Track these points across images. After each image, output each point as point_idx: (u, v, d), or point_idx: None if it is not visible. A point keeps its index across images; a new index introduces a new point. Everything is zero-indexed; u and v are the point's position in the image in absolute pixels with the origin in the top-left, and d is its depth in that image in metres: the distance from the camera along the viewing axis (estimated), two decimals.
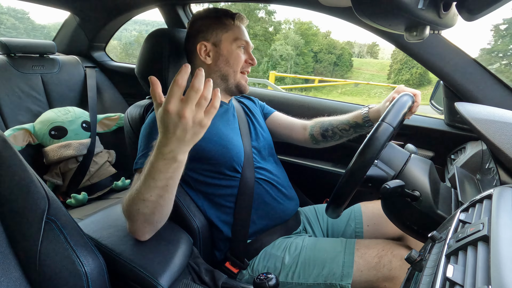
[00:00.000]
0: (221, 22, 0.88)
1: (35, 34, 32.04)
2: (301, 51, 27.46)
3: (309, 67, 28.37)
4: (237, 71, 0.90)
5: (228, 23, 0.88)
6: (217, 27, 0.88)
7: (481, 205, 0.44)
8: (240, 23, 0.90)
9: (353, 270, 0.74)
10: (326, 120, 1.00)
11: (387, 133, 0.62)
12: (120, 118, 1.61)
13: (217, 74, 0.90)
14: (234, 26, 0.89)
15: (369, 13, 0.48)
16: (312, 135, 1.00)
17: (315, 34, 31.16)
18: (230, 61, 0.88)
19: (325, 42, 31.06)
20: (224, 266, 0.83)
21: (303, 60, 27.63)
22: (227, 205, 0.85)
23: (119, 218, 0.75)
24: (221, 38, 0.88)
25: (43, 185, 0.54)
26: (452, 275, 0.33)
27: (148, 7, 1.57)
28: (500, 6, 0.46)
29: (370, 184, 0.67)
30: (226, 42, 0.88)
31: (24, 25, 31.35)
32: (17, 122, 1.36)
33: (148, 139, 0.76)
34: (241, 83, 0.91)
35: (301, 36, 28.23)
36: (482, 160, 0.85)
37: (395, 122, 0.64)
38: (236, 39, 0.88)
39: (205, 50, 0.89)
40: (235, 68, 0.89)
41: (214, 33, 0.88)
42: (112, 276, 0.60)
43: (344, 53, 30.49)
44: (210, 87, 0.51)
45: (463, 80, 0.94)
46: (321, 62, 29.45)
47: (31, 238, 0.50)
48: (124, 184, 1.50)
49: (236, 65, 0.89)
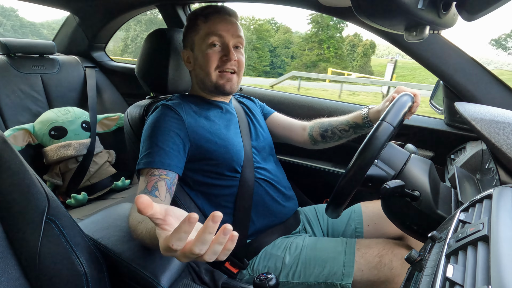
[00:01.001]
0: (194, 24, 0.85)
1: (23, 31, 32.26)
2: (254, 45, 30.92)
3: (265, 61, 31.99)
4: (210, 73, 0.83)
5: (199, 22, 0.84)
6: (191, 30, 0.85)
7: (481, 205, 0.44)
8: (214, 17, 0.83)
9: (354, 270, 0.74)
10: (325, 121, 0.99)
11: (388, 132, 0.62)
12: (120, 118, 1.61)
13: (197, 79, 0.89)
14: (205, 24, 0.83)
15: (369, 13, 0.48)
16: (311, 136, 1.00)
17: (268, 30, 34.70)
18: (201, 63, 0.84)
19: (283, 38, 34.70)
20: (224, 266, 0.83)
21: (257, 54, 31.31)
22: (227, 205, 0.85)
23: (119, 218, 0.75)
24: (194, 41, 0.85)
25: (43, 185, 0.54)
26: (452, 275, 0.33)
27: (148, 7, 1.57)
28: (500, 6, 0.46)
29: (370, 183, 0.67)
30: (198, 43, 0.84)
31: (12, 22, 31.49)
32: (17, 122, 1.36)
33: (150, 139, 0.76)
34: (218, 83, 0.85)
35: (253, 32, 31.76)
36: (482, 160, 0.85)
37: (395, 121, 0.64)
38: (206, 36, 0.82)
39: (187, 57, 0.88)
40: (207, 69, 0.83)
41: (190, 38, 0.86)
42: (112, 276, 0.60)
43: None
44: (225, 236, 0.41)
45: (463, 80, 0.94)
46: (279, 57, 33.16)
47: (31, 238, 0.50)
48: (124, 184, 1.50)
49: (208, 66, 0.83)
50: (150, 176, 0.70)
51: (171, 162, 0.73)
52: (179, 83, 0.98)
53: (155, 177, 0.70)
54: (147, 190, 0.68)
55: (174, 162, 0.74)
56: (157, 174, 0.70)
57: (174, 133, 0.77)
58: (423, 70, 7.65)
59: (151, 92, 1.02)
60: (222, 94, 0.89)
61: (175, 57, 0.94)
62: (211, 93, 0.90)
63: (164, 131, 0.76)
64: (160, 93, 1.00)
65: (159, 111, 0.81)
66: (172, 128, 0.77)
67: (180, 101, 0.86)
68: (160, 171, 0.71)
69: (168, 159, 0.73)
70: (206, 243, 0.39)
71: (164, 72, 0.93)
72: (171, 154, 0.74)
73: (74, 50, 1.78)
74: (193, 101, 0.89)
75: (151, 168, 0.71)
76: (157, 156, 0.73)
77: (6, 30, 29.11)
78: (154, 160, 0.72)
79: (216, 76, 0.84)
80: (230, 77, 0.85)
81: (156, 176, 0.70)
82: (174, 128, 0.78)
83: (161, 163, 0.72)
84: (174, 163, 0.74)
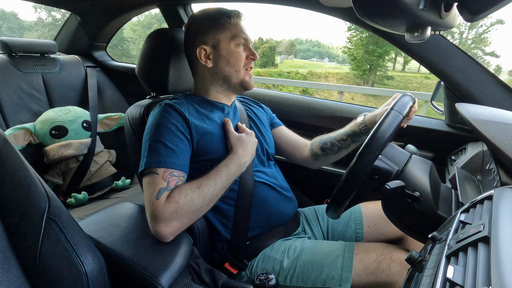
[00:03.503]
0: (217, 23, 0.87)
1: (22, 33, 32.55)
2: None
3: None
4: (239, 70, 0.88)
5: (224, 22, 0.86)
6: (214, 28, 0.86)
7: (482, 206, 0.44)
8: (236, 20, 0.88)
9: (351, 275, 0.74)
10: (325, 135, 1.01)
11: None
12: (120, 117, 1.61)
13: (219, 76, 0.89)
14: (231, 25, 0.86)
15: (370, 13, 0.48)
16: (312, 150, 1.02)
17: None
18: (231, 61, 0.87)
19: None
20: (224, 267, 0.83)
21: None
22: (227, 208, 0.85)
23: (120, 218, 0.75)
24: (219, 39, 0.86)
25: (43, 185, 0.54)
26: (453, 276, 0.33)
27: (149, 6, 1.58)
28: (502, 6, 0.46)
29: (377, 176, 0.67)
30: (224, 42, 0.86)
31: (10, 24, 31.68)
32: (17, 122, 1.36)
33: (157, 139, 0.76)
34: (245, 80, 0.90)
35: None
36: (482, 161, 0.85)
37: (404, 110, 0.67)
38: (234, 37, 0.86)
39: (205, 54, 0.87)
40: (237, 67, 0.88)
41: (212, 35, 0.86)
42: (112, 276, 0.60)
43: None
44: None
45: (464, 81, 0.94)
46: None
47: (32, 237, 0.51)
48: (125, 184, 1.50)
49: (238, 64, 0.88)
50: (170, 175, 0.72)
51: (181, 162, 0.75)
52: (180, 83, 0.98)
53: (175, 177, 0.73)
54: (170, 187, 0.71)
55: (184, 162, 0.76)
56: (176, 175, 0.73)
57: (180, 132, 0.78)
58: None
59: (151, 92, 1.02)
60: (244, 90, 0.93)
61: (176, 57, 0.94)
62: (230, 90, 0.92)
63: (171, 130, 0.77)
64: (160, 93, 1.00)
65: (163, 109, 0.81)
66: (178, 127, 0.78)
67: (183, 101, 0.86)
68: (179, 172, 0.74)
69: (178, 159, 0.75)
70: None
71: (165, 71, 0.93)
72: (180, 154, 0.76)
73: (75, 49, 1.78)
74: (196, 101, 0.89)
75: (167, 168, 0.73)
76: (169, 156, 0.74)
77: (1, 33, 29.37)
78: (170, 161, 0.74)
79: (243, 73, 0.90)
80: (251, 75, 0.92)
81: (176, 177, 0.73)
82: (179, 127, 0.78)
83: (177, 164, 0.74)
84: (184, 163, 0.77)
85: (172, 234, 0.69)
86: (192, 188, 0.71)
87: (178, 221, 0.68)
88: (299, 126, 1.26)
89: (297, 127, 1.15)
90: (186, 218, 0.70)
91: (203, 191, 0.72)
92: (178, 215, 0.68)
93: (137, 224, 0.74)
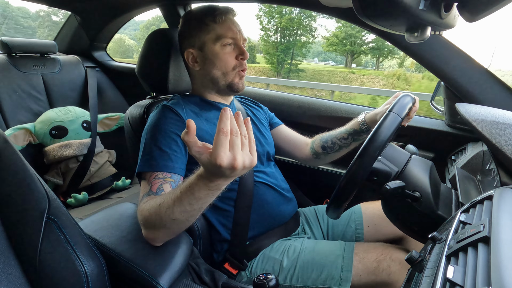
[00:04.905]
0: (203, 23, 0.83)
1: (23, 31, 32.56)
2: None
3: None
4: (227, 72, 0.84)
5: (209, 22, 0.83)
6: (199, 30, 0.83)
7: (482, 206, 0.44)
8: (224, 18, 0.83)
9: (351, 275, 0.74)
10: (326, 134, 1.01)
11: (396, 122, 0.63)
12: (120, 118, 1.61)
13: (207, 78, 0.87)
14: (216, 25, 0.82)
15: (370, 14, 0.48)
16: (313, 149, 1.02)
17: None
18: (217, 63, 0.83)
19: None
20: (223, 267, 0.83)
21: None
22: (227, 208, 0.84)
23: (120, 218, 0.75)
24: (205, 41, 0.83)
25: (43, 185, 0.54)
26: (453, 276, 0.33)
27: (149, 7, 1.58)
28: (502, 7, 0.46)
29: (376, 178, 0.67)
30: (209, 44, 0.83)
31: (9, 23, 31.74)
32: (17, 122, 1.36)
33: (152, 142, 0.75)
34: (233, 82, 0.86)
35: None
36: (482, 161, 0.85)
37: (402, 113, 0.66)
38: (218, 38, 0.82)
39: (192, 57, 0.86)
40: (224, 69, 0.84)
41: (197, 37, 0.83)
42: (112, 276, 0.60)
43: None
44: (247, 123, 0.48)
45: (464, 81, 0.94)
46: None
47: (31, 237, 0.50)
48: (125, 184, 1.50)
49: (225, 66, 0.83)
50: (154, 179, 0.70)
51: (175, 165, 0.73)
52: (180, 83, 0.98)
53: (160, 179, 0.70)
54: (152, 192, 0.68)
55: (177, 165, 0.74)
56: (161, 177, 0.70)
57: (175, 135, 0.77)
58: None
59: (151, 92, 1.02)
60: (234, 93, 0.89)
61: (176, 57, 0.94)
62: (220, 93, 0.90)
63: (166, 133, 0.76)
64: (160, 93, 1.00)
65: (160, 112, 0.80)
66: (173, 130, 0.77)
67: (181, 102, 0.86)
68: (165, 174, 0.71)
69: (171, 162, 0.73)
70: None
71: (165, 72, 0.93)
72: (174, 157, 0.74)
73: (75, 49, 1.78)
74: (194, 101, 0.89)
75: (153, 172, 0.71)
76: (160, 159, 0.72)
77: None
78: (157, 164, 0.72)
79: (233, 75, 0.85)
80: (243, 75, 0.87)
81: (161, 179, 0.70)
82: (175, 130, 0.77)
83: (165, 167, 0.72)
84: (178, 166, 0.74)
85: (156, 240, 0.64)
86: (155, 205, 0.61)
87: (155, 230, 0.63)
88: (299, 126, 1.26)
89: (297, 127, 1.15)
90: (159, 231, 0.62)
91: (156, 208, 0.60)
92: (151, 225, 0.62)
93: (137, 224, 0.73)
